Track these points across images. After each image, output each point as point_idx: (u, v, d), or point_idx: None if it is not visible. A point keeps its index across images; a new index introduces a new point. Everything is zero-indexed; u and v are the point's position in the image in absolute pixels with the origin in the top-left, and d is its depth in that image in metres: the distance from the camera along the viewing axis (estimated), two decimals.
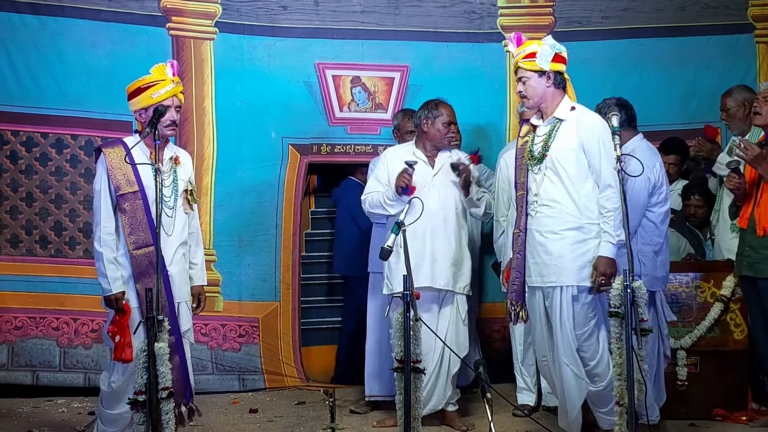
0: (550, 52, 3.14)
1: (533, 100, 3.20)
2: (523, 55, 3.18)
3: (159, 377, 2.78)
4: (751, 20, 4.69)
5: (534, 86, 3.18)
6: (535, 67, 3.16)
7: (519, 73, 3.21)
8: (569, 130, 3.17)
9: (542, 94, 3.19)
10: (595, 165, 3.15)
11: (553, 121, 3.21)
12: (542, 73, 3.16)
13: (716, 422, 3.80)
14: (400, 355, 2.89)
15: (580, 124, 3.17)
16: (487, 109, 4.57)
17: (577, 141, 3.15)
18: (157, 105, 3.10)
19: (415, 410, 2.90)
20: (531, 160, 3.23)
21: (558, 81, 3.19)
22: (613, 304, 3.03)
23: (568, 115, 3.19)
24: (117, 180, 3.12)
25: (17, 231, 4.46)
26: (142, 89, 3.15)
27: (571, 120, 3.18)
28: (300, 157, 4.64)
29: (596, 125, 3.18)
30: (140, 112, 3.18)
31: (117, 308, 3.07)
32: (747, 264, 3.63)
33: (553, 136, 3.18)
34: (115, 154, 3.14)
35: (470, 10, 4.68)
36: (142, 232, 3.12)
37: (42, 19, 4.41)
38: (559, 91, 3.20)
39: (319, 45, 4.63)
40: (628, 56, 4.69)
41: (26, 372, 4.39)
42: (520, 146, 3.32)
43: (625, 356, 2.95)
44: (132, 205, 3.12)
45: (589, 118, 3.20)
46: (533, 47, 3.17)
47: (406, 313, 2.86)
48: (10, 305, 4.39)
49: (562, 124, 3.19)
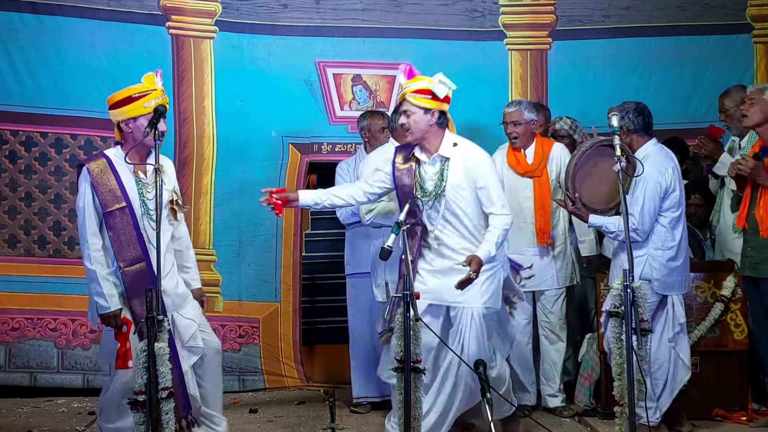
0: (440, 91, 3.17)
1: (415, 135, 3.22)
2: (412, 89, 3.20)
3: (159, 377, 2.76)
4: (750, 20, 4.69)
5: (418, 122, 3.20)
6: (422, 103, 3.18)
7: (405, 106, 3.22)
8: (458, 168, 3.22)
9: (425, 130, 3.21)
10: (488, 195, 3.19)
11: (440, 160, 3.25)
12: (428, 111, 3.19)
13: (716, 422, 3.80)
14: (400, 355, 2.88)
15: (466, 160, 3.22)
16: (488, 107, 4.56)
17: (468, 178, 3.20)
18: (158, 106, 3.05)
19: (415, 410, 2.89)
20: (423, 195, 3.25)
21: (441, 120, 3.23)
22: (613, 304, 3.03)
23: (452, 152, 3.23)
24: (103, 196, 3.02)
25: (16, 231, 4.45)
26: (134, 98, 3.06)
27: (456, 157, 3.23)
28: (301, 156, 4.63)
29: (482, 158, 3.24)
30: (128, 122, 3.08)
31: (116, 325, 2.99)
32: (749, 264, 3.64)
33: (445, 176, 3.22)
34: (98, 169, 3.05)
35: (472, 8, 4.67)
36: (132, 248, 3.04)
37: (41, 18, 4.40)
38: (441, 130, 3.24)
39: (319, 43, 4.61)
40: (630, 55, 4.69)
41: (24, 373, 4.38)
42: (399, 173, 3.30)
43: (625, 356, 2.96)
44: (120, 221, 3.03)
45: (473, 152, 3.25)
46: (424, 83, 3.19)
47: (406, 313, 2.85)
48: (8, 306, 4.38)
49: (449, 162, 3.23)
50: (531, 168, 3.98)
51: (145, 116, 3.04)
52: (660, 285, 3.45)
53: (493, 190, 3.19)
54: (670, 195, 3.45)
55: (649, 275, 3.43)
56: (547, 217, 3.95)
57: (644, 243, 3.44)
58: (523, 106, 3.95)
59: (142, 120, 3.05)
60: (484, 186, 3.18)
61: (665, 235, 3.46)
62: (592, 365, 4.00)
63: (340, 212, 4.10)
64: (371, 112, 4.26)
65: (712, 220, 4.21)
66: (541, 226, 3.94)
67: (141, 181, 3.10)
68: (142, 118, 3.05)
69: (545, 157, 3.97)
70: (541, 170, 3.96)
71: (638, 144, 3.53)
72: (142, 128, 3.02)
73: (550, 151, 3.99)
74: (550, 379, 4.06)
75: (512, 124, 3.94)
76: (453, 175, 3.20)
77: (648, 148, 3.51)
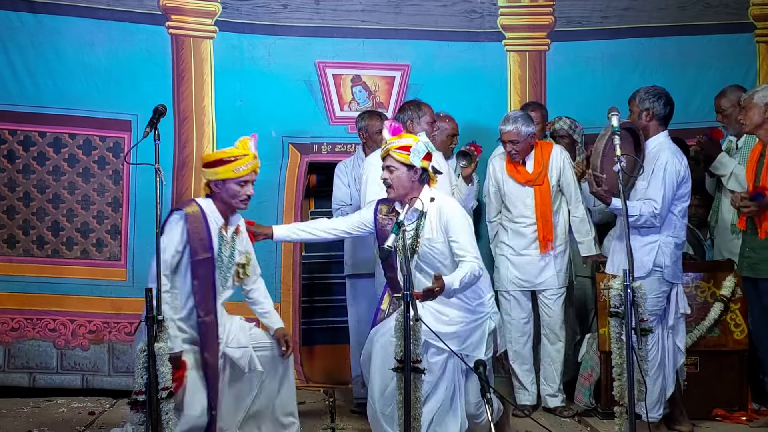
0: (423, 149, 3.21)
1: (398, 191, 3.27)
2: (397, 146, 3.24)
3: (159, 377, 2.76)
4: (752, 20, 4.69)
5: (401, 177, 3.24)
6: (406, 160, 3.22)
7: (388, 161, 3.26)
8: (433, 223, 3.24)
9: (408, 186, 3.25)
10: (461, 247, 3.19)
11: (416, 215, 3.27)
12: (411, 168, 3.23)
13: (716, 422, 3.81)
14: (400, 355, 2.88)
15: (442, 214, 3.24)
16: (487, 108, 4.57)
17: (443, 232, 3.22)
18: (158, 105, 3.04)
19: (415, 410, 2.89)
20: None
21: (423, 177, 3.27)
22: (613, 304, 3.03)
23: (428, 206, 3.26)
24: (194, 244, 3.06)
25: (14, 231, 4.43)
26: (225, 161, 3.12)
27: (432, 211, 3.25)
28: (300, 157, 4.63)
29: (457, 212, 3.26)
30: (216, 183, 3.14)
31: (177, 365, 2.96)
32: (747, 265, 3.66)
33: (420, 230, 3.25)
34: (194, 216, 3.08)
35: (471, 9, 4.67)
36: (210, 298, 3.08)
37: (39, 17, 4.37)
38: (421, 185, 3.28)
39: (319, 44, 4.61)
40: (629, 56, 4.69)
41: (23, 374, 4.35)
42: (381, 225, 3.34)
43: (626, 356, 2.96)
44: (204, 271, 3.07)
45: (449, 206, 3.27)
46: (408, 141, 3.24)
47: (406, 313, 2.85)
48: (6, 306, 4.35)
49: (424, 217, 3.26)
50: (531, 177, 4.00)
51: (234, 180, 3.12)
52: (669, 272, 3.48)
53: (466, 243, 3.20)
54: (684, 184, 3.49)
55: (661, 262, 3.45)
56: (549, 226, 3.97)
57: (657, 229, 3.46)
58: (519, 123, 3.92)
59: (231, 184, 3.12)
60: (457, 240, 3.20)
61: (676, 223, 3.50)
62: (592, 365, 4.01)
63: (336, 214, 4.11)
64: (369, 112, 4.27)
65: (710, 221, 4.22)
66: (545, 235, 3.97)
67: (223, 238, 3.15)
68: (231, 182, 3.12)
69: (545, 165, 3.99)
70: (542, 179, 3.99)
71: (653, 132, 3.56)
72: (231, 191, 3.12)
73: (550, 157, 4.02)
74: (550, 379, 4.07)
75: (510, 144, 3.95)
76: (428, 230, 3.24)
77: (661, 138, 3.55)
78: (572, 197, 4.06)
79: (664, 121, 3.57)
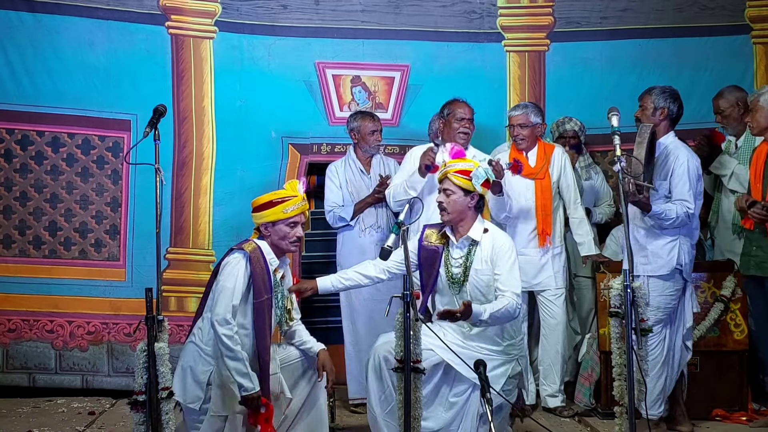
0: (483, 175, 3.20)
1: (452, 215, 3.25)
2: (456, 169, 3.23)
3: (159, 377, 2.76)
4: (749, 21, 4.70)
5: (457, 202, 3.22)
6: (464, 185, 3.21)
7: (445, 184, 3.24)
8: (484, 255, 3.23)
9: (462, 211, 3.24)
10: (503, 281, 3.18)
11: (468, 243, 3.26)
12: (468, 193, 3.21)
13: (716, 422, 3.81)
14: (400, 355, 2.87)
15: (494, 246, 3.23)
16: (487, 109, 4.56)
17: (491, 263, 3.22)
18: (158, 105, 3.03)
19: (415, 410, 2.88)
20: (451, 281, 3.25)
21: (479, 204, 3.25)
22: (613, 304, 3.03)
23: (481, 237, 3.25)
24: (257, 285, 3.04)
25: (10, 231, 4.41)
26: (275, 203, 3.11)
27: (485, 243, 3.24)
28: (300, 157, 4.62)
29: (507, 246, 3.25)
30: (266, 225, 3.13)
31: (257, 406, 2.95)
32: (755, 264, 3.65)
33: (470, 261, 3.23)
34: (255, 258, 3.06)
35: (470, 9, 4.68)
36: (267, 338, 3.07)
37: (38, 16, 4.36)
38: (476, 213, 3.27)
39: (319, 44, 4.61)
40: (628, 57, 4.70)
41: (22, 374, 4.34)
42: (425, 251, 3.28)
43: (626, 356, 2.96)
44: (265, 311, 3.06)
45: (502, 240, 3.26)
46: (468, 165, 3.23)
47: (406, 313, 2.85)
48: (3, 307, 4.33)
49: (476, 247, 3.24)
50: (534, 171, 4.02)
51: (284, 221, 3.10)
52: (687, 270, 3.49)
53: (509, 278, 3.18)
54: (700, 182, 3.51)
55: (682, 260, 3.45)
56: (548, 219, 3.99)
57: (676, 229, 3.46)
58: (529, 110, 4.02)
59: (281, 225, 3.11)
60: (500, 273, 3.20)
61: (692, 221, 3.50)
62: (592, 365, 4.01)
63: (329, 215, 4.12)
64: (362, 113, 4.27)
65: (711, 221, 4.22)
66: (543, 228, 3.99)
67: (276, 280, 3.14)
68: (281, 224, 3.11)
69: (547, 161, 4.03)
70: (543, 173, 4.01)
71: (663, 132, 3.55)
72: (281, 233, 3.11)
73: (552, 155, 4.04)
74: (549, 379, 4.07)
75: (519, 127, 4.00)
76: (478, 261, 3.22)
77: (670, 138, 3.55)
78: (571, 198, 4.07)
79: (674, 123, 3.57)
